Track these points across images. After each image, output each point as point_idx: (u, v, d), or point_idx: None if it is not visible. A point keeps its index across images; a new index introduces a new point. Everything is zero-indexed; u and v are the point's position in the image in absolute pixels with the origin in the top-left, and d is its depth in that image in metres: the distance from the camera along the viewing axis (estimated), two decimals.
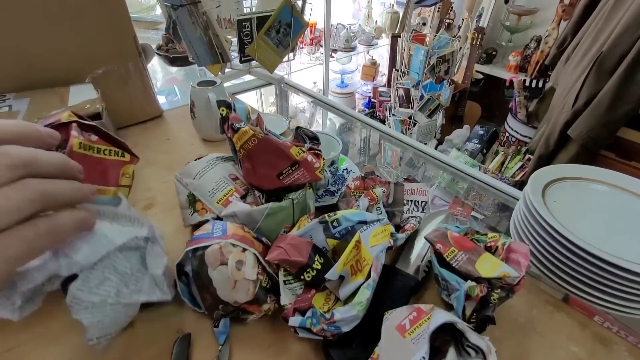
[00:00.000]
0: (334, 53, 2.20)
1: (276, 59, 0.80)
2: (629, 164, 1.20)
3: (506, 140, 1.89)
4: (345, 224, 0.41)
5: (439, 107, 1.74)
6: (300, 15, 0.77)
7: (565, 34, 1.54)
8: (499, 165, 1.69)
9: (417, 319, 0.33)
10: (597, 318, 0.42)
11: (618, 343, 0.40)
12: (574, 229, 0.44)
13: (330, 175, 0.56)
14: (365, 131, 0.95)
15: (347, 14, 2.48)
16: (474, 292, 0.35)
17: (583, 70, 1.19)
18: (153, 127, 0.79)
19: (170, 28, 0.75)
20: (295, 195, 0.45)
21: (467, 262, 0.38)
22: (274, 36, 0.76)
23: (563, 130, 1.24)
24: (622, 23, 1.08)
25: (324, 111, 1.03)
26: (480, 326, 0.37)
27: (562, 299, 0.45)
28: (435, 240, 0.41)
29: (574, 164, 0.57)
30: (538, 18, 2.14)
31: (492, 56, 2.34)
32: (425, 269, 0.46)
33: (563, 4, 1.76)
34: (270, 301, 0.38)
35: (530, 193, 0.49)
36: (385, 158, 0.90)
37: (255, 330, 0.39)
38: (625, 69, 1.05)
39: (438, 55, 1.56)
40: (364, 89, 2.52)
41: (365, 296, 0.35)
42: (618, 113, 1.10)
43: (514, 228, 0.52)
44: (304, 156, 0.44)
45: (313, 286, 0.39)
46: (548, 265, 0.46)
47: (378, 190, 0.49)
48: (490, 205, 0.71)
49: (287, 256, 0.38)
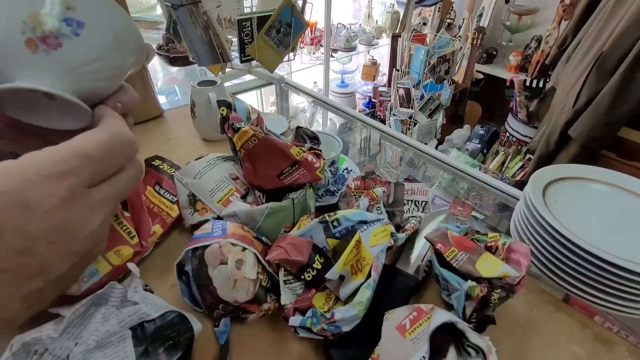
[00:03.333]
0: (334, 53, 2.20)
1: (276, 58, 0.80)
2: (630, 163, 1.20)
3: (506, 140, 1.89)
4: (345, 224, 0.41)
5: (440, 107, 1.74)
6: (300, 15, 0.77)
7: (565, 34, 1.54)
8: (500, 165, 1.69)
9: (417, 319, 0.33)
10: (597, 318, 0.42)
11: (618, 343, 0.40)
12: (574, 229, 0.44)
13: (330, 175, 0.56)
14: (366, 131, 0.95)
15: (347, 13, 2.48)
16: (474, 292, 0.35)
17: (584, 70, 1.19)
18: (153, 126, 0.79)
19: (171, 28, 0.75)
20: (296, 195, 0.45)
21: (468, 262, 0.38)
22: (274, 36, 0.76)
23: (564, 130, 1.24)
24: (622, 23, 1.08)
25: (324, 111, 1.03)
26: (480, 326, 0.37)
27: (563, 299, 0.45)
28: (436, 240, 0.41)
29: (575, 164, 0.57)
30: (539, 18, 2.14)
31: (493, 56, 2.34)
32: (425, 268, 0.46)
33: (564, 4, 1.76)
34: (271, 300, 0.38)
35: (531, 193, 0.49)
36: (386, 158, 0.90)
37: (255, 330, 0.39)
38: (625, 69, 1.05)
39: (438, 55, 1.55)
40: (364, 89, 2.51)
41: (365, 296, 0.35)
42: (619, 113, 1.10)
43: (515, 228, 0.52)
44: (304, 156, 0.44)
45: (313, 286, 0.39)
46: (548, 265, 0.46)
47: (378, 190, 0.49)
48: (490, 205, 0.70)
49: (288, 256, 0.38)
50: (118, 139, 0.24)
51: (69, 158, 0.21)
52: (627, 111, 1.09)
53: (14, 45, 0.20)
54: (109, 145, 0.23)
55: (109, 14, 0.22)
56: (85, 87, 0.23)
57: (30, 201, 0.19)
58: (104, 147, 0.22)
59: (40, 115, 0.24)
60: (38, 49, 0.20)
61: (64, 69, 0.21)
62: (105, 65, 0.23)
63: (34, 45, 0.20)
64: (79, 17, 0.21)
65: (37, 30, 0.20)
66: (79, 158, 0.21)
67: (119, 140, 0.24)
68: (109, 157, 0.23)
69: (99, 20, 0.22)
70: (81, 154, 0.21)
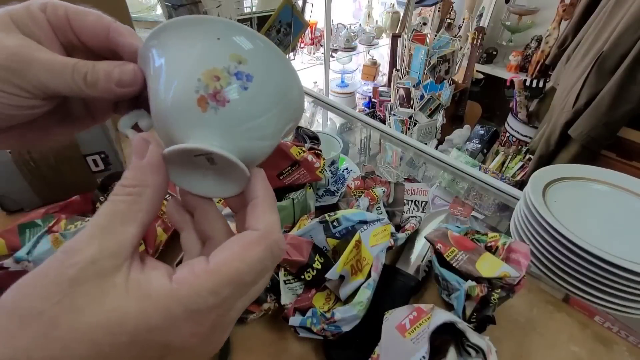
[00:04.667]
0: (334, 53, 2.20)
1: None
2: (630, 163, 1.20)
3: (507, 140, 1.89)
4: (345, 224, 0.41)
5: (440, 107, 1.74)
6: (300, 15, 0.77)
7: (565, 34, 1.54)
8: (500, 165, 1.69)
9: (417, 319, 0.33)
10: (597, 318, 0.42)
11: (618, 343, 0.40)
12: (574, 229, 0.44)
13: (330, 175, 0.56)
14: (366, 131, 0.95)
15: (347, 13, 2.48)
16: (474, 292, 0.35)
17: (584, 70, 1.19)
18: None
19: None
20: (296, 195, 0.45)
21: (468, 262, 0.38)
22: (274, 36, 0.76)
23: (564, 130, 1.24)
24: (622, 23, 1.08)
25: (324, 111, 1.03)
26: (480, 326, 0.37)
27: (563, 299, 0.45)
28: (436, 240, 0.41)
29: (575, 164, 0.57)
30: (539, 18, 2.14)
31: (493, 56, 2.34)
32: (425, 268, 0.46)
33: (564, 4, 1.76)
34: (271, 300, 0.38)
35: (531, 193, 0.49)
36: (386, 158, 0.90)
37: (255, 330, 0.39)
38: (626, 69, 1.05)
39: (438, 55, 1.56)
40: (364, 89, 2.51)
41: (365, 296, 0.35)
42: (619, 113, 1.10)
43: (515, 228, 0.52)
44: (304, 156, 0.44)
45: (313, 286, 0.39)
46: (548, 265, 0.46)
47: (378, 190, 0.49)
48: (490, 205, 0.70)
49: (288, 256, 0.38)
50: (274, 253, 0.18)
51: (222, 287, 0.16)
52: (627, 111, 1.09)
53: (187, 106, 0.18)
54: (263, 263, 0.18)
55: (277, 67, 0.20)
56: (245, 148, 0.20)
57: (170, 343, 0.16)
58: (258, 267, 0.18)
59: (197, 181, 0.22)
60: (208, 106, 0.19)
61: (229, 127, 0.19)
62: (268, 122, 0.21)
63: (205, 103, 0.19)
64: (249, 70, 0.19)
65: (210, 87, 0.18)
66: (232, 286, 0.17)
67: (276, 255, 0.19)
68: (261, 276, 0.18)
69: (267, 73, 0.20)
70: (234, 281, 0.17)
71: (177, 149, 0.18)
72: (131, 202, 0.17)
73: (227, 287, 0.17)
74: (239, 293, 0.18)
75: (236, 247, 0.18)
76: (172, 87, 0.19)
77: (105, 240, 0.16)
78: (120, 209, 0.17)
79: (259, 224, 0.19)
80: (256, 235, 0.18)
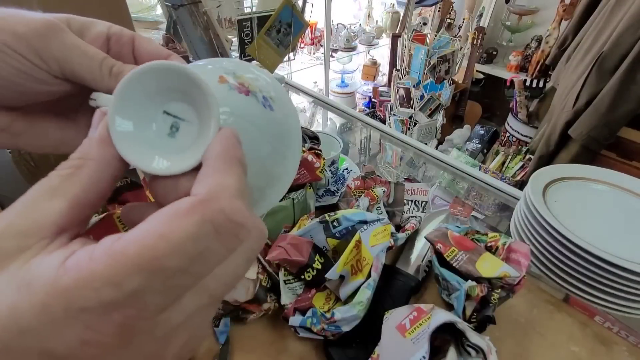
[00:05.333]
0: (334, 53, 2.20)
1: (276, 58, 0.80)
2: (630, 164, 1.20)
3: (507, 140, 1.89)
4: (345, 224, 0.41)
5: (440, 107, 1.74)
6: (300, 15, 0.77)
7: (566, 34, 1.54)
8: (500, 165, 1.69)
9: (417, 319, 0.33)
10: (597, 318, 0.42)
11: (618, 343, 0.40)
12: (574, 228, 0.44)
13: (330, 175, 0.56)
14: (366, 131, 0.95)
15: (347, 13, 2.48)
16: (474, 292, 0.36)
17: (584, 70, 1.19)
18: None
19: (171, 28, 0.75)
20: (296, 195, 0.45)
21: (468, 262, 0.38)
22: (274, 36, 0.76)
23: (564, 130, 1.24)
24: (623, 23, 1.08)
25: (324, 111, 1.03)
26: (480, 326, 0.37)
27: (563, 299, 0.45)
28: (436, 240, 0.41)
29: (575, 164, 0.57)
30: (539, 18, 2.14)
31: (493, 56, 2.34)
32: (425, 268, 0.46)
33: (564, 4, 1.76)
34: (271, 300, 0.38)
35: (531, 193, 0.49)
36: (386, 158, 0.90)
37: (255, 330, 0.39)
38: (626, 69, 1.05)
39: (438, 55, 1.55)
40: (364, 89, 2.51)
41: (365, 296, 0.35)
42: (619, 113, 1.10)
43: (515, 228, 0.52)
44: (304, 156, 0.44)
45: (313, 286, 0.39)
46: (548, 265, 0.46)
47: (378, 190, 0.49)
48: (490, 205, 0.70)
49: (288, 256, 0.38)
50: (219, 227, 0.13)
51: (126, 276, 0.12)
52: (627, 111, 1.09)
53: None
54: (197, 241, 0.13)
55: (291, 108, 0.24)
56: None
57: (53, 351, 0.11)
58: (189, 247, 0.12)
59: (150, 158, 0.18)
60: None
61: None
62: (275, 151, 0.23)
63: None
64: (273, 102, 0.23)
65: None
66: (144, 274, 0.12)
67: (224, 229, 0.13)
68: (201, 260, 0.13)
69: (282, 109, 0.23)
70: (148, 267, 0.12)
71: (148, 67, 0.16)
72: (67, 176, 0.14)
73: (136, 276, 0.12)
74: (160, 285, 0.12)
75: (155, 220, 0.13)
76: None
77: (18, 217, 0.13)
78: (53, 184, 0.14)
79: (200, 188, 0.14)
80: (188, 203, 0.13)
